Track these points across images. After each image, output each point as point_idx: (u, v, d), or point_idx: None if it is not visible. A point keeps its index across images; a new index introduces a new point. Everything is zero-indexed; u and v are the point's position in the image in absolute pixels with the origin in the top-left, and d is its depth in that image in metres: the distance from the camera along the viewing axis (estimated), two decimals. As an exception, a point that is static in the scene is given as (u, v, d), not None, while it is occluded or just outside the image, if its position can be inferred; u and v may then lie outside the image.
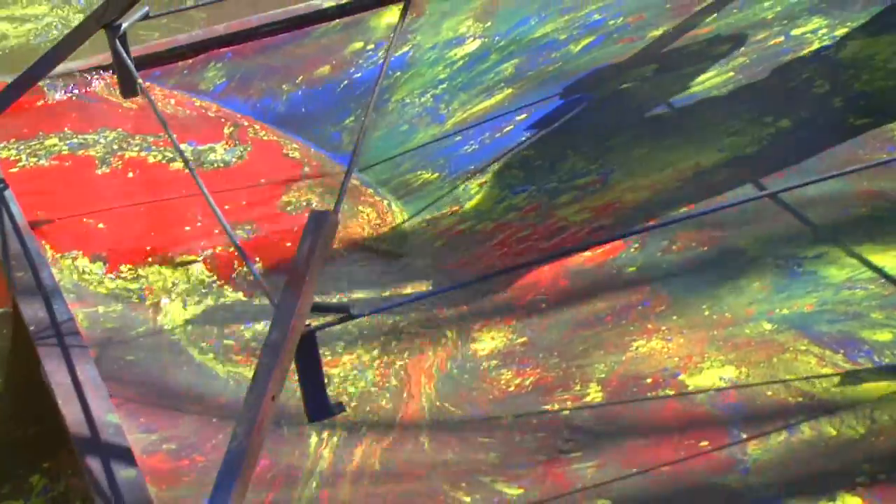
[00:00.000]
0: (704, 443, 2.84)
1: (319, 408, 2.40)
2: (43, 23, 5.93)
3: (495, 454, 2.91)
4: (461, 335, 3.29)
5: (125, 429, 2.88)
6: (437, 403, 3.09)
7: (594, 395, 3.04)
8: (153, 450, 2.92)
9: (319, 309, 2.41)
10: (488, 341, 3.26)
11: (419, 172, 3.94)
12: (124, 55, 3.52)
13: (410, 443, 2.97)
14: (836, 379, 2.94)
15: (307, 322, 2.39)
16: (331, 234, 2.43)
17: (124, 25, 3.48)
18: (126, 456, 2.74)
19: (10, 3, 6.06)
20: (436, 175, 3.92)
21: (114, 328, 3.32)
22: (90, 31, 3.54)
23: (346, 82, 4.32)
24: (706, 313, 3.22)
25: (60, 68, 3.77)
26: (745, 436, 2.83)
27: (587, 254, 3.51)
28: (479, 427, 2.99)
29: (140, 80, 3.54)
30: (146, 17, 3.56)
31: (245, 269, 2.91)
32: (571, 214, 3.63)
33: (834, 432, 2.79)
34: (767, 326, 3.13)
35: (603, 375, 3.09)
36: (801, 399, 2.91)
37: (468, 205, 3.76)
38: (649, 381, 3.04)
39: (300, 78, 4.34)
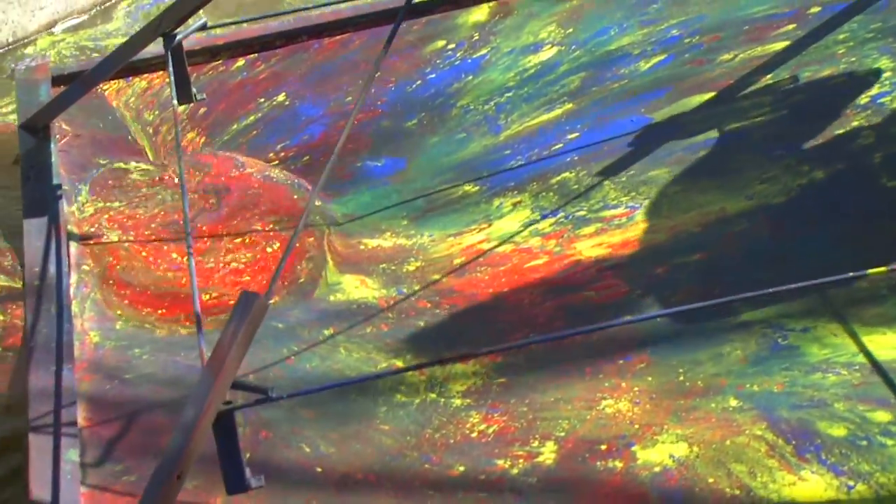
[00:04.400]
0: (633, 531, 2.61)
1: (237, 482, 2.28)
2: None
3: (431, 508, 2.72)
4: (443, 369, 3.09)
5: (92, 458, 2.80)
6: (400, 440, 2.90)
7: (547, 455, 2.83)
8: (113, 481, 2.80)
9: (239, 387, 2.28)
10: (469, 377, 3.05)
11: (461, 184, 3.70)
12: (178, 65, 3.35)
13: (358, 491, 2.80)
14: (777, 475, 2.67)
15: (227, 400, 2.26)
16: (258, 318, 2.28)
17: (179, 36, 3.32)
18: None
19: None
20: (476, 188, 3.69)
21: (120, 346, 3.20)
22: (147, 41, 3.39)
23: (418, 82, 4.08)
24: (680, 379, 2.98)
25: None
26: None
27: (591, 293, 3.26)
28: (429, 476, 2.80)
29: (195, 91, 3.38)
30: (204, 27, 3.39)
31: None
32: (587, 249, 3.38)
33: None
34: (733, 403, 2.88)
35: (563, 433, 2.87)
36: (738, 492, 2.67)
37: (496, 224, 3.53)
38: (604, 447, 2.82)
39: (378, 74, 4.10)
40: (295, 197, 3.67)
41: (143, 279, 3.39)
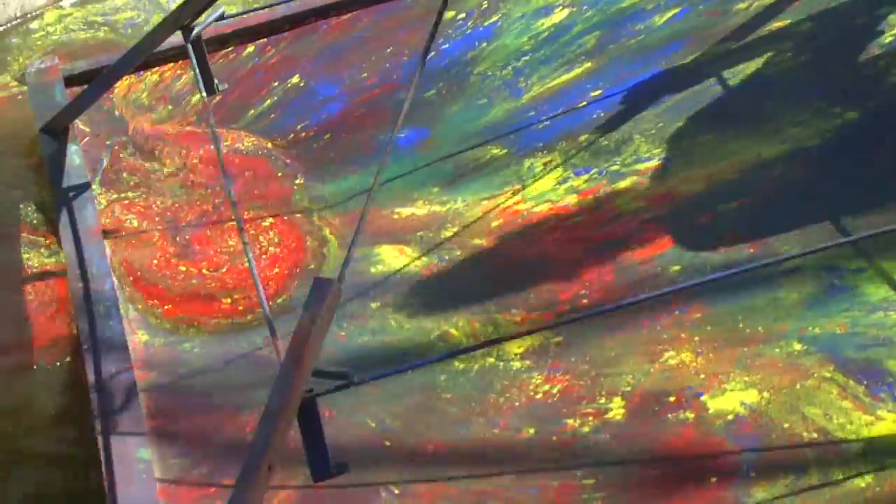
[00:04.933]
0: (713, 479, 2.54)
1: (322, 469, 2.24)
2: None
3: (509, 477, 2.64)
4: (497, 326, 3.02)
5: (160, 454, 2.73)
6: (465, 407, 2.83)
7: (616, 411, 2.76)
8: (186, 475, 2.72)
9: (320, 375, 2.21)
10: (526, 338, 2.97)
11: (488, 148, 3.63)
12: (200, 57, 3.26)
13: (431, 462, 2.73)
14: (853, 415, 2.60)
15: (309, 388, 2.20)
16: (333, 303, 2.21)
17: (199, 28, 3.22)
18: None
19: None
20: (504, 151, 3.61)
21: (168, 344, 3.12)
22: (166, 33, 3.29)
23: (432, 53, 3.99)
24: (740, 326, 2.91)
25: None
26: (753, 474, 2.52)
27: (636, 247, 3.19)
28: (499, 441, 2.73)
29: (217, 82, 3.29)
30: (221, 17, 3.30)
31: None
32: (626, 203, 3.32)
33: (840, 477, 2.47)
34: (797, 347, 2.81)
35: (628, 388, 2.81)
36: (815, 435, 2.62)
37: (530, 184, 3.45)
38: (672, 399, 2.76)
39: (389, 49, 4.03)
40: (279, 175, 3.60)
41: (171, 277, 3.31)
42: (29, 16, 4.44)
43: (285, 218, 3.49)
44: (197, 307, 3.25)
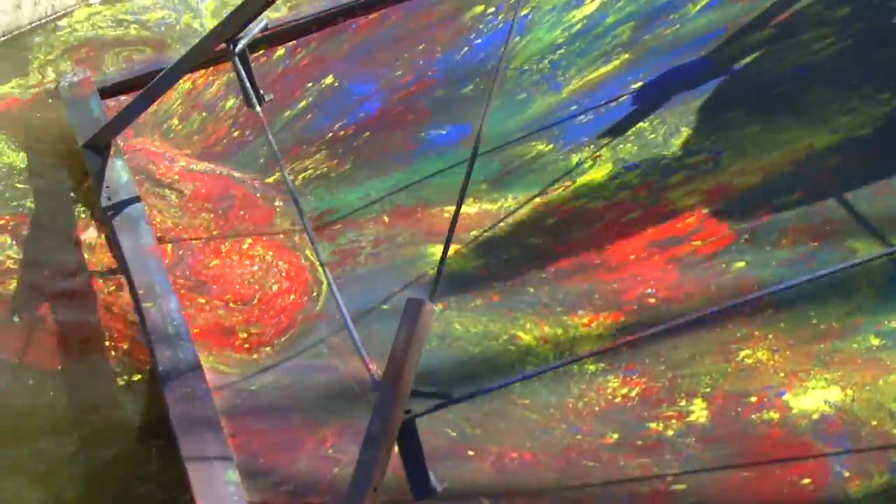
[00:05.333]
0: (807, 480, 2.51)
1: (423, 488, 2.22)
2: None
3: (598, 481, 2.60)
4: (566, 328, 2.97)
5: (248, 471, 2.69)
6: (545, 413, 2.79)
7: (698, 413, 2.73)
8: (274, 494, 2.67)
9: (418, 395, 2.19)
10: (595, 339, 2.93)
11: (533, 143, 3.58)
12: (245, 69, 3.19)
13: (518, 471, 2.69)
14: (944, 410, 2.58)
15: (407, 409, 2.18)
16: (426, 322, 2.19)
17: (243, 42, 3.15)
18: None
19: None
20: (550, 146, 3.56)
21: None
22: (211, 47, 3.22)
23: (465, 49, 3.94)
24: (813, 321, 2.87)
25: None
26: (847, 474, 2.49)
27: (697, 243, 3.15)
28: (584, 447, 2.69)
29: (263, 92, 3.21)
30: (265, 29, 3.23)
31: None
32: (680, 198, 3.27)
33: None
34: (875, 341, 2.79)
35: (708, 390, 2.77)
36: (905, 432, 2.56)
37: (580, 180, 3.41)
38: (754, 399, 2.72)
39: (421, 46, 3.96)
40: (258, 196, 3.55)
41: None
42: (59, 14, 4.35)
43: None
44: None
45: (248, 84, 3.15)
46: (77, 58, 3.98)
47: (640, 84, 3.70)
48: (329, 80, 3.93)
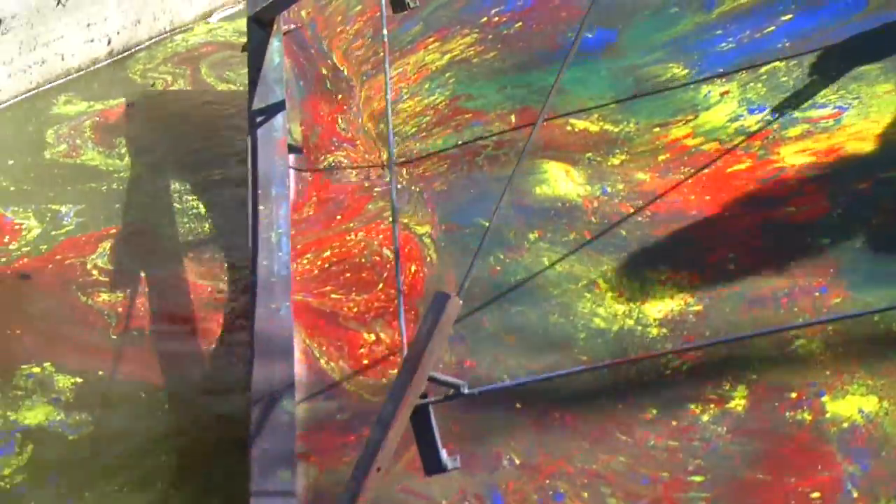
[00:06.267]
0: (816, 494, 2.64)
1: (434, 464, 2.37)
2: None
3: (625, 459, 2.78)
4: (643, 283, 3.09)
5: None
6: (597, 374, 2.94)
7: (738, 401, 2.85)
8: None
9: (436, 382, 2.34)
10: (667, 301, 3.05)
11: (670, 64, 3.60)
12: None
13: (555, 433, 2.86)
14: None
15: (423, 394, 2.33)
16: (451, 317, 2.31)
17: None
18: None
19: None
20: (685, 71, 3.58)
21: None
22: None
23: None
24: (875, 320, 2.90)
25: None
26: (856, 495, 2.61)
27: (792, 209, 3.18)
28: (621, 419, 2.85)
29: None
30: None
31: None
32: (791, 155, 3.28)
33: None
34: (925, 355, 2.81)
35: (755, 376, 2.87)
36: (924, 459, 2.64)
37: (703, 116, 3.44)
38: (793, 395, 2.82)
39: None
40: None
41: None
42: (179, 29, 4.64)
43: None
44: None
45: None
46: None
47: (789, 17, 3.63)
48: None
